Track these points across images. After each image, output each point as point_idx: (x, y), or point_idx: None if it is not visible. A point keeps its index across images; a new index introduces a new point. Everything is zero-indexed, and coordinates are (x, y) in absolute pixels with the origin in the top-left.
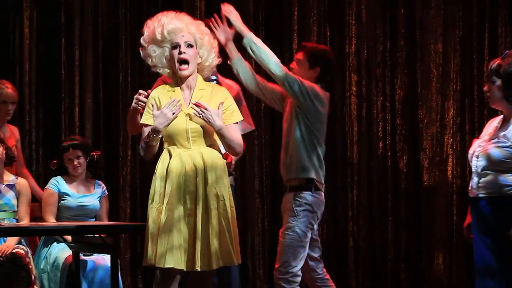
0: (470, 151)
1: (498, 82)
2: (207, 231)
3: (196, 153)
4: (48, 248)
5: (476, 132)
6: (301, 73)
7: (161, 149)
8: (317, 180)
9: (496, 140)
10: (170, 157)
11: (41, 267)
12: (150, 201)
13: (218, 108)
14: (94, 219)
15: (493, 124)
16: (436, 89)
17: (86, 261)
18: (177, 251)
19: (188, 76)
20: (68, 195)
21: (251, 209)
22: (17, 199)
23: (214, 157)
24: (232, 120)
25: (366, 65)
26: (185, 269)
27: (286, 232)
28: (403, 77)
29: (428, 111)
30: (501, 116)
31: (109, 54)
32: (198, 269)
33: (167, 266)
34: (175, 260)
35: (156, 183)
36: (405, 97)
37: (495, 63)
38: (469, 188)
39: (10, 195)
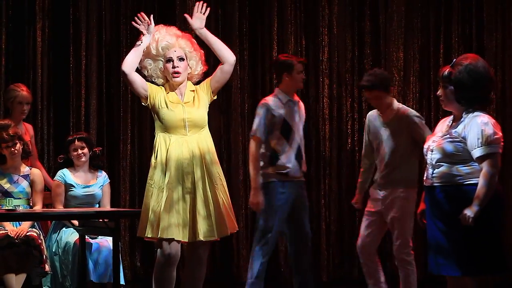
0: (425, 146)
1: (450, 87)
2: (210, 205)
3: (192, 139)
4: (57, 233)
5: (432, 129)
6: (380, 104)
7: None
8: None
9: (448, 136)
10: (167, 144)
11: (53, 250)
12: (151, 182)
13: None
14: (98, 205)
15: (445, 123)
16: (397, 91)
17: (91, 243)
18: (177, 226)
19: (180, 84)
20: (73, 186)
21: (236, 197)
22: (31, 187)
23: (208, 141)
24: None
25: (337, 71)
26: (187, 241)
27: (403, 214)
28: None
29: None
30: (452, 116)
31: (111, 60)
32: (201, 238)
33: (169, 236)
34: (176, 233)
35: (157, 167)
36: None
37: (446, 70)
38: (424, 178)
39: (25, 184)
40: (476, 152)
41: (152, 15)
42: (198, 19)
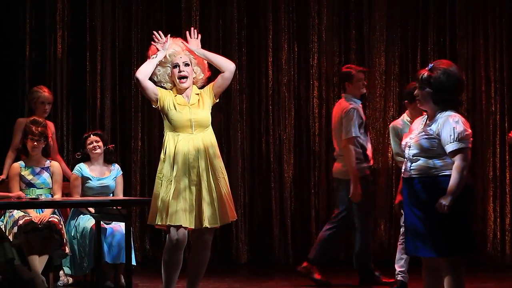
0: (403, 143)
1: (428, 89)
2: (213, 194)
3: (198, 137)
4: (76, 219)
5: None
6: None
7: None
8: None
9: (424, 133)
10: (176, 141)
11: (72, 235)
12: (160, 175)
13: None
14: (112, 194)
15: (419, 121)
16: (379, 93)
17: (106, 228)
18: (184, 213)
19: (187, 88)
20: (90, 179)
21: (235, 187)
22: (51, 178)
23: (211, 139)
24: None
25: (325, 74)
26: (193, 227)
27: None
28: None
29: (373, 111)
30: (426, 116)
31: (124, 65)
32: (207, 225)
33: (177, 223)
34: (183, 220)
35: (166, 161)
36: None
37: (424, 73)
38: (403, 170)
39: (46, 175)
40: (449, 147)
41: (169, 35)
42: (193, 42)
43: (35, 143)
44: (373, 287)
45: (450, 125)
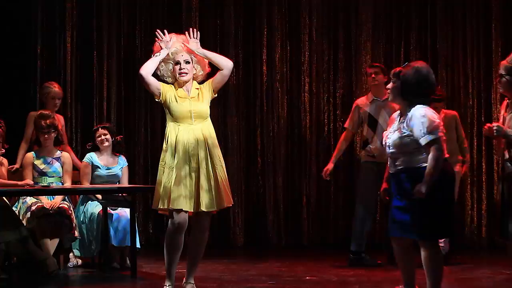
0: (384, 142)
1: (398, 83)
2: (211, 181)
3: (197, 127)
4: (84, 205)
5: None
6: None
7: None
8: None
9: (398, 132)
10: (177, 131)
11: (81, 219)
12: (162, 163)
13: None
14: (118, 183)
15: (397, 116)
16: (366, 88)
17: (112, 213)
18: (184, 198)
19: (187, 82)
20: (99, 167)
21: (231, 175)
22: (62, 168)
23: (210, 129)
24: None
25: (316, 71)
26: (192, 211)
27: None
28: (342, 79)
29: None
30: (399, 112)
31: (128, 62)
32: (204, 209)
33: (178, 207)
34: (183, 204)
35: (167, 150)
36: (343, 94)
37: (397, 69)
38: (388, 166)
39: (57, 165)
40: (422, 141)
41: (173, 34)
42: (193, 43)
43: (46, 135)
44: (362, 269)
45: (419, 120)
